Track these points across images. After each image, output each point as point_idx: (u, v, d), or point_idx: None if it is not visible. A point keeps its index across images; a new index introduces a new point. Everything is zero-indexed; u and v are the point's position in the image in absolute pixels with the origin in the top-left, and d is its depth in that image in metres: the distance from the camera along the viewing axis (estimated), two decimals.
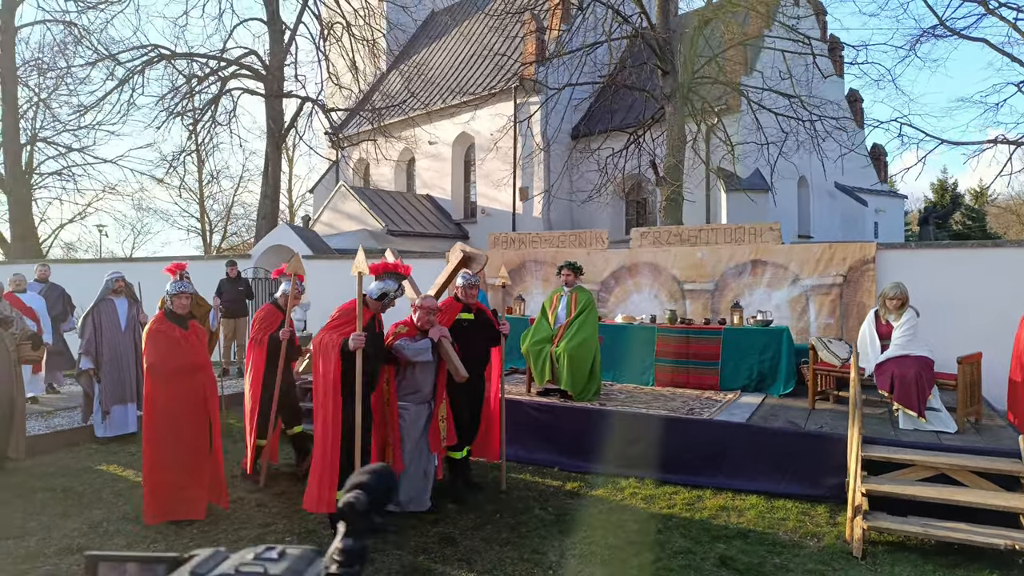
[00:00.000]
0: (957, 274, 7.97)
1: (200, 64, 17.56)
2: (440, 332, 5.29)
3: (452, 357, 5.31)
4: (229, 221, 36.67)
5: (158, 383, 5.18)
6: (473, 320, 5.90)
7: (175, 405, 5.17)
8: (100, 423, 7.80)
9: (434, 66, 27.59)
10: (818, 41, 19.80)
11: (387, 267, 5.09)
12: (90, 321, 7.83)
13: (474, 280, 6.01)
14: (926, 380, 5.88)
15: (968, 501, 4.79)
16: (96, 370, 7.79)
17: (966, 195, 39.74)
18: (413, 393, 5.33)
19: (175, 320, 5.35)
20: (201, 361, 5.38)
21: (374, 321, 5.07)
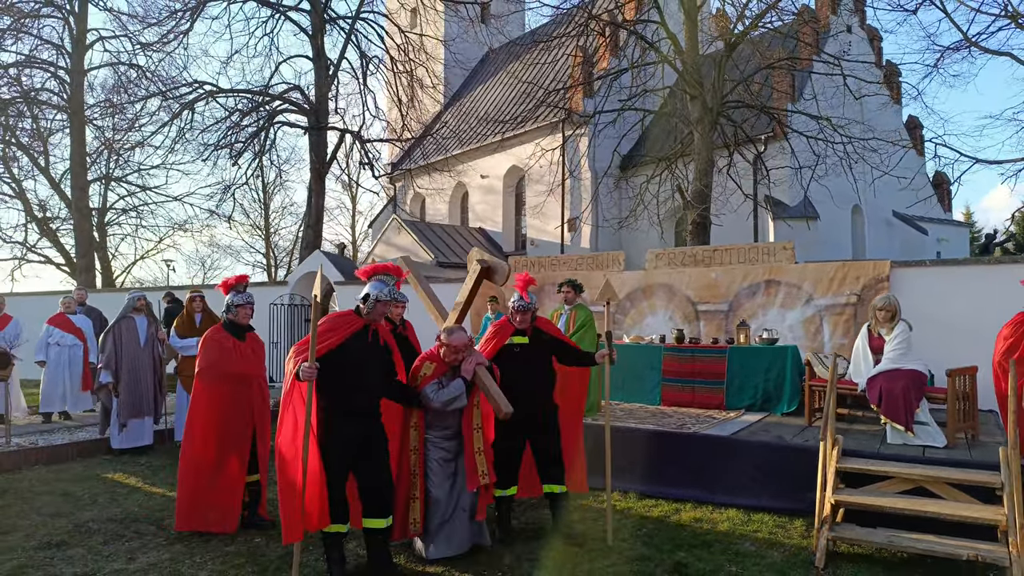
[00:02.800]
0: (972, 291, 7.67)
1: (247, 100, 18.65)
2: (472, 364, 4.61)
3: (492, 391, 4.66)
4: (292, 257, 38.16)
5: (203, 388, 5.23)
6: (528, 344, 5.13)
7: (218, 413, 5.19)
8: (116, 435, 8.21)
9: (488, 101, 28.38)
10: (872, 65, 19.50)
11: (376, 268, 4.54)
12: (111, 337, 8.28)
13: (523, 305, 5.11)
14: (914, 394, 5.69)
15: (938, 512, 4.60)
16: (115, 384, 8.27)
17: None
18: (444, 429, 4.75)
19: (233, 331, 5.43)
20: (251, 372, 5.36)
21: (367, 330, 4.34)
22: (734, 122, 14.12)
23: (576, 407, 5.58)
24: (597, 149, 20.19)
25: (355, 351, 4.25)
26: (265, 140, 18.82)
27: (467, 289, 5.31)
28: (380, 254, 24.44)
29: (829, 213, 18.31)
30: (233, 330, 5.44)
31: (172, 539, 5.20)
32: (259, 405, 5.38)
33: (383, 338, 4.47)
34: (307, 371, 3.99)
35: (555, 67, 24.09)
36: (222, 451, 5.18)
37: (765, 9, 13.03)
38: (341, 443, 4.18)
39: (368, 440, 4.30)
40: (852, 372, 6.37)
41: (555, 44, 18.10)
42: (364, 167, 19.15)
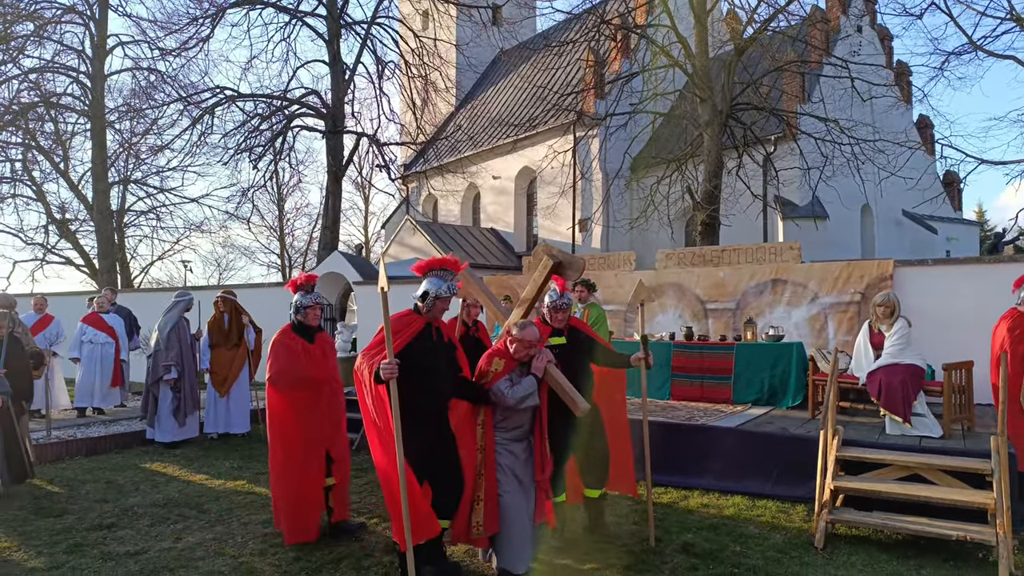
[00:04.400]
0: (972, 289, 7.93)
1: (265, 104, 19.09)
2: (543, 360, 4.37)
3: (566, 387, 4.43)
4: (307, 257, 38.66)
5: (275, 396, 5.09)
6: (565, 345, 4.98)
7: (292, 421, 5.04)
8: (162, 429, 8.62)
9: (499, 103, 28.73)
10: (881, 67, 19.68)
11: (433, 263, 4.30)
12: (175, 337, 8.76)
13: (563, 302, 5.02)
14: (912, 386, 5.98)
15: (930, 497, 4.91)
16: (179, 380, 8.69)
17: None
18: (513, 430, 4.43)
19: (302, 333, 5.27)
20: (322, 376, 5.19)
21: (429, 329, 4.22)
22: (743, 124, 14.39)
23: (618, 410, 5.45)
24: (608, 151, 20.48)
25: (421, 352, 4.09)
26: (283, 144, 19.25)
27: (536, 284, 4.92)
28: (394, 255, 24.84)
29: (838, 213, 18.52)
30: (302, 332, 5.27)
31: (214, 521, 5.59)
32: (333, 407, 5.26)
33: (446, 335, 4.34)
34: (388, 369, 3.74)
35: (566, 70, 24.40)
36: (301, 459, 5.02)
37: (774, 13, 13.29)
38: (413, 449, 3.93)
39: (438, 443, 4.17)
40: (854, 367, 6.66)
41: (567, 48, 18.45)
42: (380, 169, 19.53)
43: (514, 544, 4.26)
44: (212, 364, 9.01)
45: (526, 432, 4.47)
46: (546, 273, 4.82)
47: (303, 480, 5.00)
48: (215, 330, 9.11)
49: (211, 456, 8.05)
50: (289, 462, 5.01)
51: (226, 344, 9.09)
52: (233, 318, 9.19)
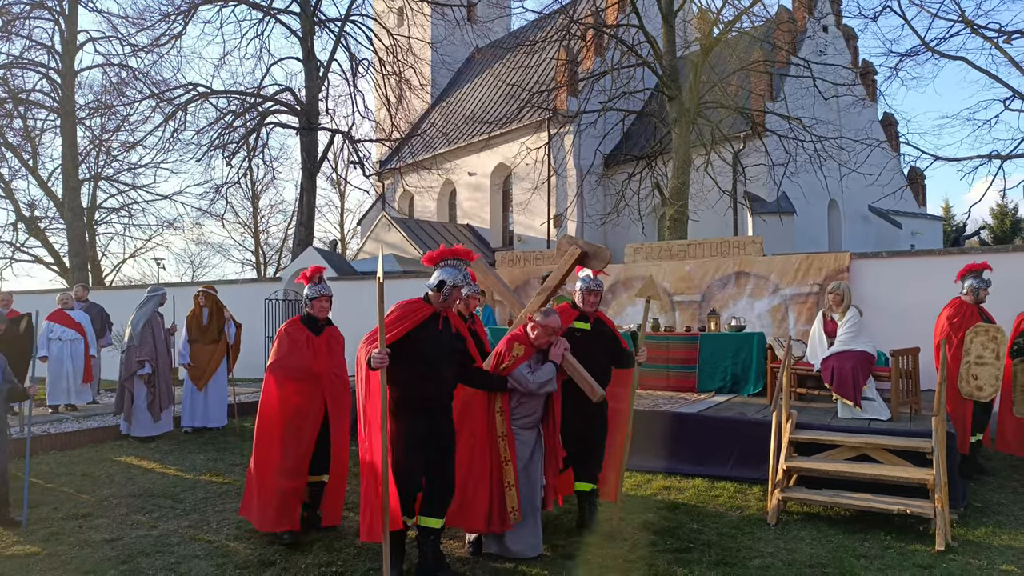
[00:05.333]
0: (923, 279, 8.29)
1: (239, 101, 19.07)
2: (562, 348, 4.47)
3: (583, 373, 4.57)
4: (282, 254, 38.49)
5: (270, 383, 5.03)
6: (589, 331, 5.00)
7: (283, 410, 4.95)
8: (138, 423, 8.68)
9: (474, 100, 28.87)
10: (845, 68, 20.13)
11: (445, 253, 4.25)
12: (149, 331, 8.81)
13: (596, 285, 5.06)
14: (862, 372, 6.27)
15: (875, 474, 5.20)
16: (152, 375, 8.75)
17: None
18: (525, 417, 4.52)
19: (309, 324, 5.21)
20: (320, 368, 5.06)
21: (437, 318, 4.16)
22: (711, 122, 14.71)
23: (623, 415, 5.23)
24: (581, 147, 20.79)
25: (425, 340, 4.05)
26: (257, 141, 19.24)
27: (560, 274, 5.03)
28: (369, 251, 24.93)
29: (806, 209, 18.98)
30: (310, 324, 5.21)
31: (189, 510, 5.72)
32: (335, 401, 5.12)
33: (455, 326, 4.26)
34: (378, 358, 3.76)
35: (539, 68, 24.61)
36: (285, 449, 4.91)
37: (739, 14, 13.61)
38: (412, 436, 4.00)
39: (437, 435, 4.12)
40: (809, 354, 6.95)
41: (539, 47, 18.66)
42: (355, 166, 19.61)
43: (527, 529, 4.40)
44: (191, 358, 9.08)
45: (537, 420, 4.57)
46: (571, 263, 4.99)
47: (284, 472, 4.84)
48: (194, 325, 9.19)
49: (186, 449, 8.15)
50: (272, 450, 4.91)
51: (204, 339, 9.17)
52: (213, 313, 9.28)
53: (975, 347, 6.22)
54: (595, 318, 5.10)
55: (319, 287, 5.24)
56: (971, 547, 4.67)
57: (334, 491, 5.12)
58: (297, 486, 4.93)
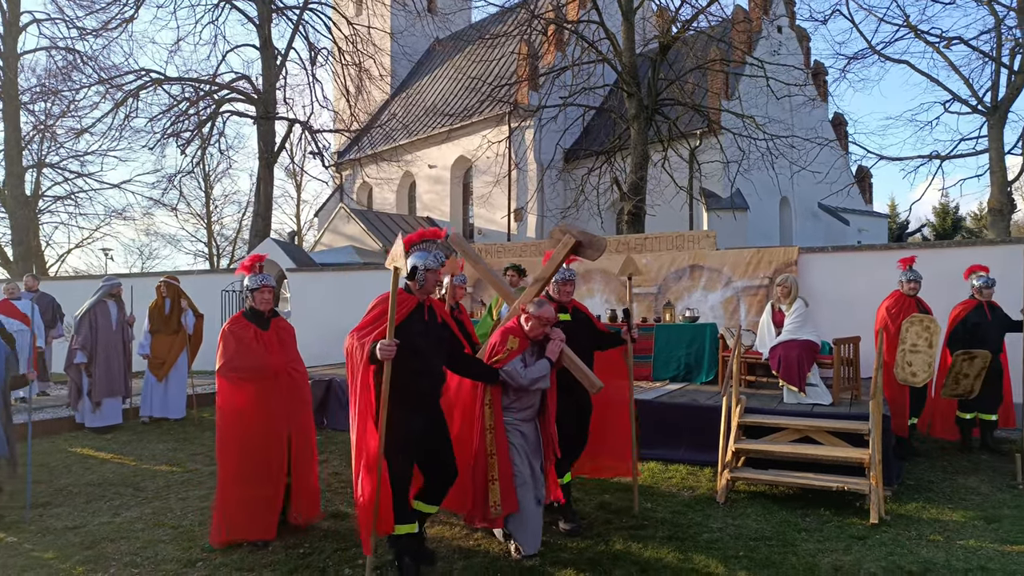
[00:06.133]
0: (866, 272, 8.72)
1: (193, 88, 18.78)
2: (558, 344, 4.40)
3: (582, 367, 4.51)
4: (236, 245, 37.90)
5: (225, 388, 4.66)
6: (570, 321, 4.97)
7: (244, 412, 4.60)
8: (90, 414, 8.63)
9: (435, 92, 28.83)
10: (797, 68, 20.76)
11: (413, 239, 4.09)
12: (87, 320, 8.73)
13: (570, 275, 5.10)
14: (807, 360, 6.60)
15: (817, 455, 5.53)
16: (88, 365, 8.68)
17: (967, 217, 40.19)
18: (522, 410, 4.42)
19: (254, 319, 4.81)
20: (275, 364, 4.70)
21: (422, 308, 4.02)
22: (668, 119, 15.04)
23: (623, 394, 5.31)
24: (542, 142, 20.99)
25: (414, 332, 3.88)
26: (212, 129, 18.96)
27: (555, 263, 4.93)
28: (327, 243, 24.75)
29: (758, 204, 19.55)
30: (254, 318, 4.81)
31: (151, 497, 5.75)
32: (293, 398, 4.79)
33: (440, 315, 4.13)
34: (387, 348, 3.63)
35: (501, 62, 24.71)
36: (254, 456, 4.58)
37: (696, 14, 13.96)
38: (405, 434, 3.86)
39: (432, 429, 4.06)
40: (758, 343, 7.27)
41: (500, 40, 18.80)
42: (314, 156, 19.48)
43: (528, 525, 4.32)
44: (152, 349, 9.04)
45: (535, 413, 4.49)
46: (565, 252, 4.87)
47: (258, 479, 4.54)
48: (156, 316, 9.14)
49: (144, 439, 8.12)
50: (245, 461, 4.54)
51: (166, 330, 9.13)
52: (175, 304, 9.24)
53: (910, 336, 6.60)
54: (572, 307, 5.14)
55: (260, 277, 4.86)
56: (902, 520, 5.02)
57: (307, 487, 4.81)
58: (271, 494, 4.59)
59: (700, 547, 4.51)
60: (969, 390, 6.70)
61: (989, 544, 4.53)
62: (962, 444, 7.24)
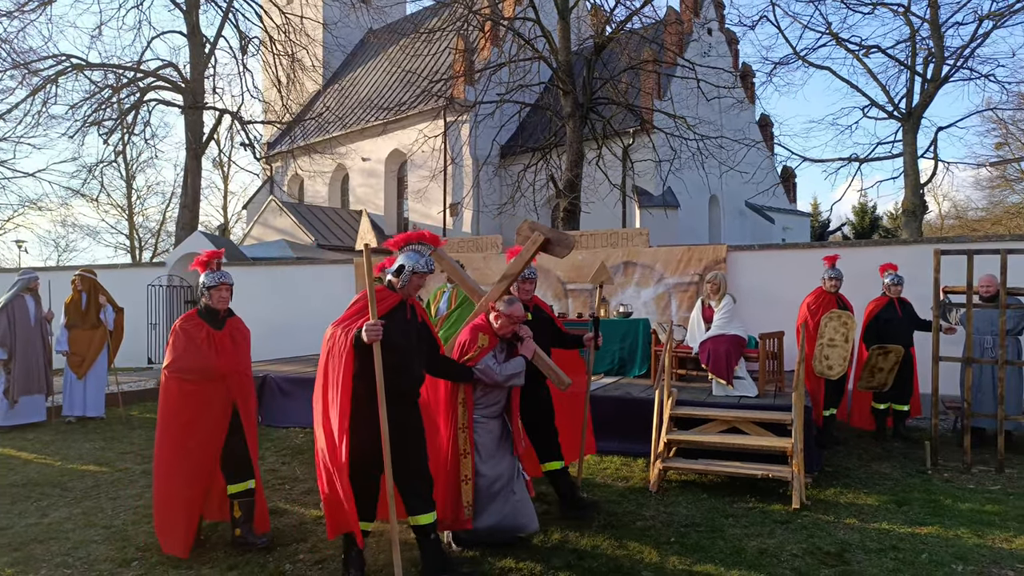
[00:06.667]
0: (790, 269, 9.15)
1: (116, 75, 18.03)
2: (531, 343, 4.48)
3: (551, 365, 4.63)
4: (160, 238, 36.54)
5: (169, 388, 4.43)
6: (530, 320, 4.93)
7: (179, 415, 4.38)
8: (7, 412, 8.27)
9: (369, 84, 28.44)
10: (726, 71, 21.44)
11: (410, 237, 4.10)
12: (4, 315, 8.32)
13: (530, 273, 5.14)
14: (734, 354, 6.90)
15: (743, 444, 5.79)
16: (8, 362, 8.30)
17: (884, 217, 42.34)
18: (491, 407, 4.47)
19: (208, 318, 4.57)
20: (225, 367, 4.46)
21: (404, 307, 3.97)
22: (602, 117, 15.32)
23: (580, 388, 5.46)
24: (478, 137, 21.03)
25: (395, 329, 3.81)
26: (136, 118, 18.24)
27: (523, 260, 4.93)
28: (257, 236, 24.14)
29: (689, 203, 20.13)
30: (209, 317, 4.58)
31: (80, 497, 5.56)
32: (244, 402, 4.56)
33: (420, 315, 4.10)
34: (373, 329, 3.55)
35: (436, 57, 24.59)
36: (183, 460, 4.34)
37: (630, 15, 14.26)
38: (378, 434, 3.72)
39: (408, 428, 3.98)
40: (688, 338, 7.53)
41: (436, 34, 18.71)
42: (244, 148, 18.97)
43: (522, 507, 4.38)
44: (70, 345, 8.68)
45: (501, 409, 4.52)
46: (534, 249, 4.89)
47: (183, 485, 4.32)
48: (72, 311, 8.77)
49: (69, 439, 7.80)
50: (176, 463, 4.33)
51: (84, 325, 8.78)
52: (92, 298, 8.89)
53: (828, 331, 6.98)
54: (533, 305, 5.17)
55: (218, 275, 4.60)
56: (822, 505, 5.33)
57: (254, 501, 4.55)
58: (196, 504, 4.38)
59: (634, 534, 4.68)
60: (883, 383, 7.15)
61: (900, 526, 4.86)
62: (877, 433, 7.70)
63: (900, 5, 14.82)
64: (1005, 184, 28.24)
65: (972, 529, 4.77)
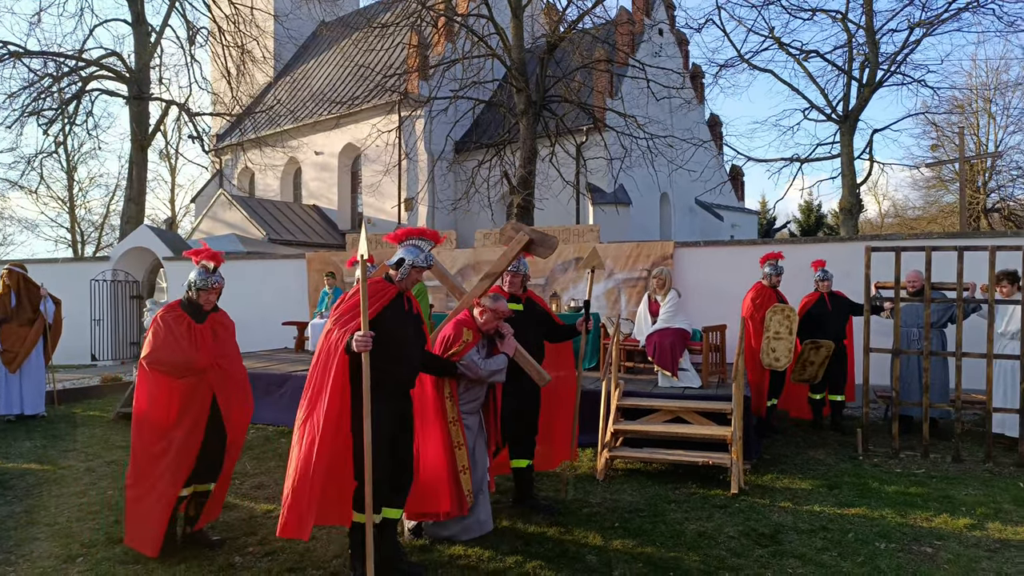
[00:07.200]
0: (734, 265, 9.44)
1: (57, 63, 17.50)
2: (513, 342, 4.57)
3: (532, 364, 4.71)
4: (104, 232, 35.49)
5: (146, 381, 4.32)
6: (522, 312, 5.05)
7: (164, 408, 4.28)
8: None
9: (321, 77, 28.11)
10: (675, 72, 21.88)
11: (411, 232, 4.13)
12: None
13: (520, 268, 5.18)
14: (679, 347, 7.13)
15: (686, 433, 6.02)
16: None
17: (828, 215, 43.69)
18: (470, 403, 4.56)
19: (190, 310, 4.47)
20: (204, 361, 4.33)
21: (401, 298, 4.02)
22: (556, 115, 15.49)
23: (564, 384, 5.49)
24: (432, 133, 20.99)
25: (393, 321, 3.88)
26: (78, 108, 17.72)
27: (507, 259, 5.03)
28: (206, 230, 23.68)
29: (640, 200, 20.50)
30: (191, 310, 4.48)
31: (21, 495, 5.47)
32: (226, 397, 4.39)
33: (415, 307, 4.15)
34: (361, 340, 3.57)
35: (390, 52, 24.44)
36: (162, 456, 4.24)
37: (582, 15, 14.44)
38: (382, 422, 3.78)
39: (405, 419, 4.05)
40: (636, 332, 7.75)
41: (390, 29, 18.62)
42: (192, 140, 18.58)
43: (479, 508, 4.47)
44: (3, 340, 8.45)
45: (479, 405, 4.61)
46: (519, 249, 5.01)
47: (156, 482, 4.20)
48: (2, 307, 8.54)
49: (9, 438, 7.61)
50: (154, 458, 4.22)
51: (16, 320, 8.56)
52: (23, 293, 8.67)
53: (773, 324, 7.25)
54: (526, 298, 5.23)
55: (213, 277, 4.46)
56: (759, 490, 5.58)
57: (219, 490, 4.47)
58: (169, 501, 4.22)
59: (580, 520, 4.84)
60: (814, 376, 7.49)
61: (830, 508, 5.14)
62: (814, 422, 8.04)
63: (838, 12, 15.39)
64: (940, 184, 29.49)
65: (896, 510, 5.07)
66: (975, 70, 32.69)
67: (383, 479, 3.86)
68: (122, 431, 7.87)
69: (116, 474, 6.06)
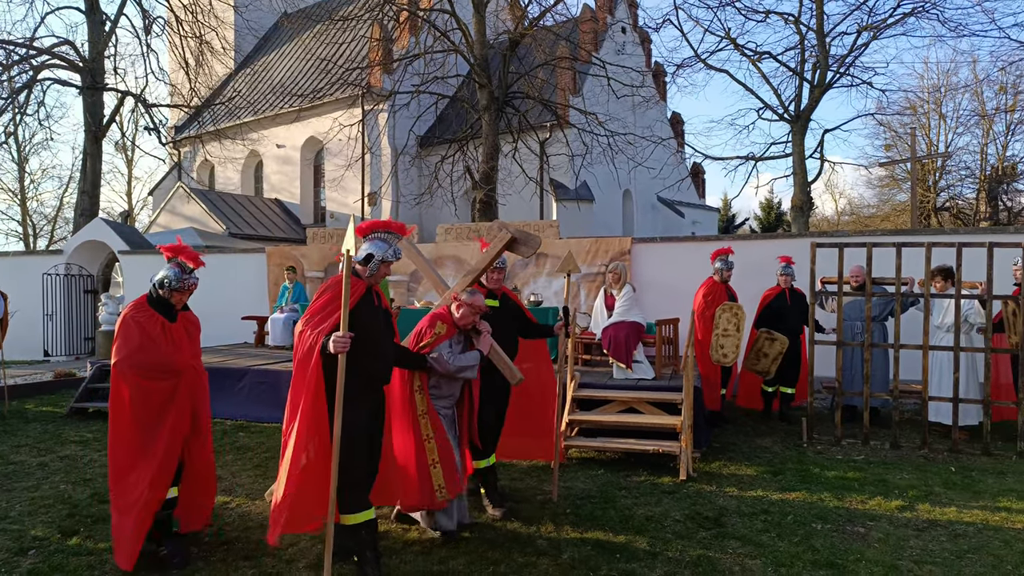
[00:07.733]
0: (688, 261, 9.68)
1: (6, 52, 17.06)
2: (489, 339, 4.57)
3: (506, 362, 4.73)
4: (57, 225, 34.63)
5: (122, 385, 4.08)
6: (498, 308, 5.08)
7: (149, 415, 4.09)
8: None
9: (283, 70, 27.78)
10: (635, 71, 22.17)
11: (376, 225, 4.03)
12: None
13: (500, 263, 5.23)
14: (633, 339, 7.31)
15: (638, 422, 6.22)
16: None
17: (788, 212, 44.68)
18: (443, 398, 4.52)
19: (161, 308, 4.24)
20: (181, 362, 4.19)
21: (371, 293, 3.97)
22: (518, 111, 15.61)
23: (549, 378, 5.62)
24: (395, 127, 20.95)
25: (366, 317, 3.86)
26: (29, 97, 17.28)
27: (489, 256, 5.05)
28: (164, 224, 23.30)
29: (603, 196, 20.75)
30: (161, 307, 4.25)
31: None
32: (197, 398, 4.28)
33: (384, 301, 4.14)
34: (340, 341, 3.55)
35: (352, 45, 24.28)
36: (138, 463, 4.04)
37: (543, 12, 14.59)
38: (361, 418, 3.82)
39: (380, 414, 4.08)
40: (593, 325, 7.91)
41: (352, 22, 18.53)
42: (149, 132, 18.26)
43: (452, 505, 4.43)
44: None
45: (454, 402, 4.58)
46: (501, 246, 5.02)
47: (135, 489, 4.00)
48: None
49: None
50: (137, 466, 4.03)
51: None
52: None
53: (722, 321, 7.48)
54: (502, 294, 5.25)
55: (189, 278, 4.27)
56: (707, 476, 5.79)
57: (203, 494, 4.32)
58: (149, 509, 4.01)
59: (533, 507, 4.99)
60: (766, 371, 7.74)
61: (772, 492, 5.36)
62: (764, 412, 8.31)
63: (790, 15, 15.79)
64: (894, 183, 30.39)
65: (834, 493, 5.32)
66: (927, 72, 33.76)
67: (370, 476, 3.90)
68: (75, 426, 7.79)
69: (69, 469, 6.03)
